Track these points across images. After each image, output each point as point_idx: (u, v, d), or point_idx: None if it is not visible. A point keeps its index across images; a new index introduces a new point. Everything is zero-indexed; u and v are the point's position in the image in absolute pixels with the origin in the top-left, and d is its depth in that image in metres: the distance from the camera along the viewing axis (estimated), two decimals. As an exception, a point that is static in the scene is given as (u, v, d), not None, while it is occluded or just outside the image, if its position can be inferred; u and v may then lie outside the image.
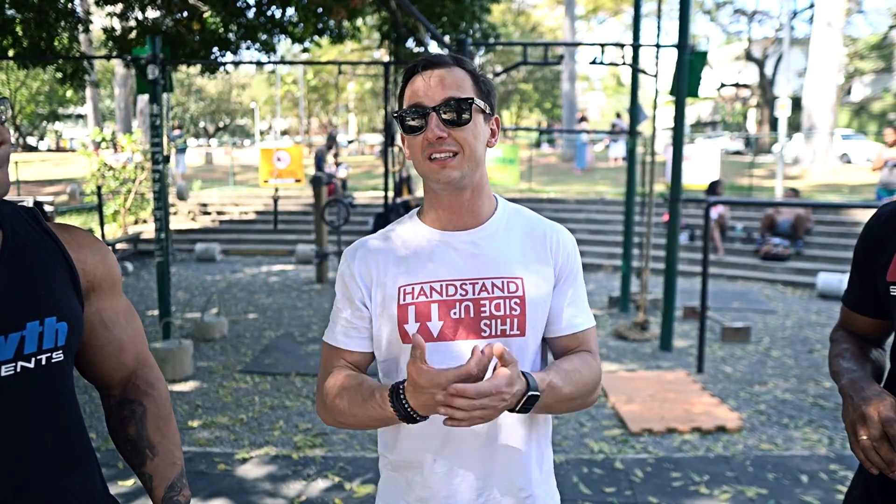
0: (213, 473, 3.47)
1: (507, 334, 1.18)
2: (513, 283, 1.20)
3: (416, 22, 6.59)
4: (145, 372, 1.19)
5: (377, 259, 1.24)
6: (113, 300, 1.15)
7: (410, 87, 1.19)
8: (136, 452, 1.13)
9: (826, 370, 5.20)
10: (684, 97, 5.46)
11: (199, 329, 6.05)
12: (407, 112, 1.17)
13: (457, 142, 1.14)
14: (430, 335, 1.18)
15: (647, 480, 3.38)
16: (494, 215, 1.26)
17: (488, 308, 1.18)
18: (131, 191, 11.81)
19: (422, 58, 1.22)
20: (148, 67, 5.36)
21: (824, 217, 10.04)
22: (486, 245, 1.22)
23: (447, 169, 1.15)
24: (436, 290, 1.19)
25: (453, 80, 1.16)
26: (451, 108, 1.14)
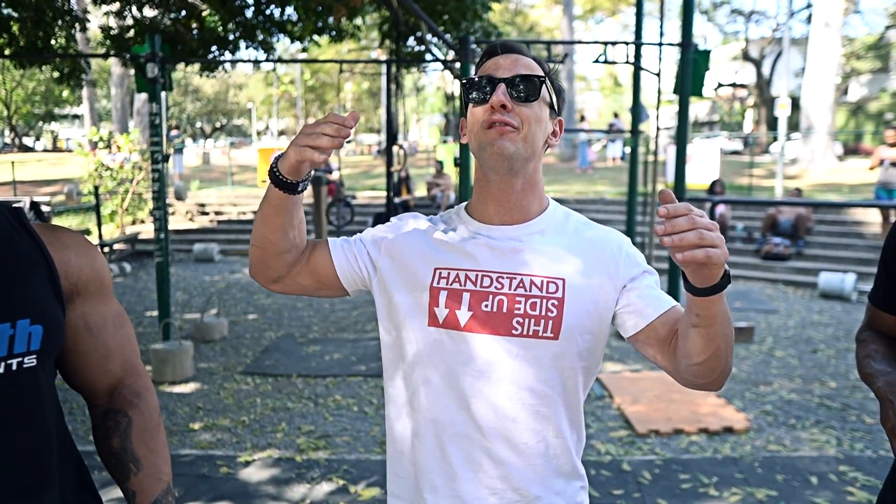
0: (215, 477, 3.43)
1: (540, 335, 1.11)
2: (553, 283, 1.13)
3: (417, 20, 6.55)
4: (132, 381, 1.12)
5: (417, 233, 1.22)
6: (101, 304, 1.09)
7: (483, 66, 1.16)
8: (119, 466, 1.07)
9: (830, 370, 5.18)
10: (688, 96, 5.42)
11: (198, 330, 6.00)
12: (475, 81, 1.13)
13: (519, 117, 1.10)
14: (458, 324, 1.13)
15: (656, 482, 3.34)
16: (544, 214, 1.20)
17: (523, 306, 1.12)
18: (129, 191, 11.74)
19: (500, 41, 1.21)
20: (147, 66, 5.32)
21: (825, 216, 10.03)
22: (530, 241, 1.17)
23: (504, 138, 1.09)
24: (471, 279, 1.14)
25: (527, 63, 1.14)
26: (520, 83, 1.11)
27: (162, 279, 5.52)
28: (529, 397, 1.12)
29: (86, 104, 22.89)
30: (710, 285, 0.91)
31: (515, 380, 1.12)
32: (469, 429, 1.13)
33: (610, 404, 4.41)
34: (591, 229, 1.22)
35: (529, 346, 1.12)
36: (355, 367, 5.26)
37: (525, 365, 1.12)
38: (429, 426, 1.16)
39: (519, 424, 1.12)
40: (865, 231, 9.58)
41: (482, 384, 1.12)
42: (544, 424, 1.14)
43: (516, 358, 1.12)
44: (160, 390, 4.74)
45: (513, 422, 1.12)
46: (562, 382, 1.14)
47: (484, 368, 1.12)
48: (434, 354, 1.15)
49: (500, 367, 1.12)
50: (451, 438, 1.14)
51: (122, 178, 11.76)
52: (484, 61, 1.18)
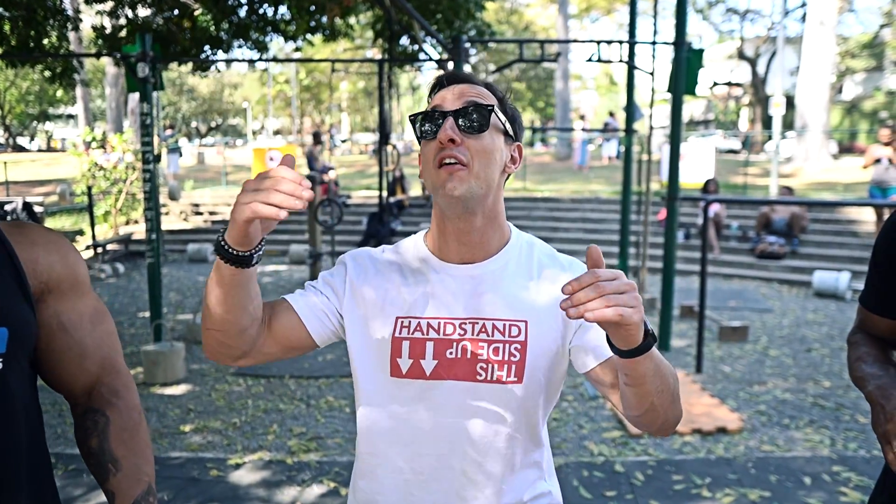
0: (205, 480, 3.40)
1: (504, 381, 1.10)
2: (515, 326, 1.11)
3: (410, 19, 6.52)
4: (111, 379, 1.09)
5: (376, 276, 1.17)
6: (76, 302, 1.06)
7: (432, 99, 1.14)
8: (98, 467, 1.04)
9: (825, 370, 5.17)
10: (681, 95, 5.41)
11: (191, 331, 5.96)
12: (424, 116, 1.10)
13: (469, 151, 1.05)
14: (423, 373, 1.11)
15: (649, 483, 3.33)
16: (505, 248, 1.16)
17: (486, 352, 1.10)
18: (122, 191, 11.68)
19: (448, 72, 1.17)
20: (138, 65, 5.27)
21: (820, 215, 10.04)
22: (491, 282, 1.13)
23: (455, 179, 1.04)
24: (433, 327, 1.12)
25: (478, 92, 1.11)
26: (469, 114, 1.07)
27: (153, 280, 5.48)
28: (496, 441, 1.12)
29: (80, 104, 22.78)
30: (632, 347, 0.90)
31: (481, 425, 1.12)
32: (436, 473, 1.13)
33: (603, 405, 4.40)
34: (553, 263, 1.17)
35: (494, 391, 1.10)
36: (348, 367, 5.19)
37: (490, 409, 1.11)
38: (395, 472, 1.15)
39: (486, 467, 1.12)
40: (860, 230, 9.58)
41: (447, 431, 1.12)
42: (510, 464, 1.14)
43: (482, 403, 1.11)
44: (151, 392, 4.71)
45: (479, 466, 1.12)
46: (526, 421, 1.14)
47: (450, 415, 1.12)
48: (397, 404, 1.13)
49: (465, 413, 1.11)
50: (418, 482, 1.14)
51: (116, 178, 11.71)
52: (433, 94, 1.15)
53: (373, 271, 1.17)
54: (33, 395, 1.01)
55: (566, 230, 11.18)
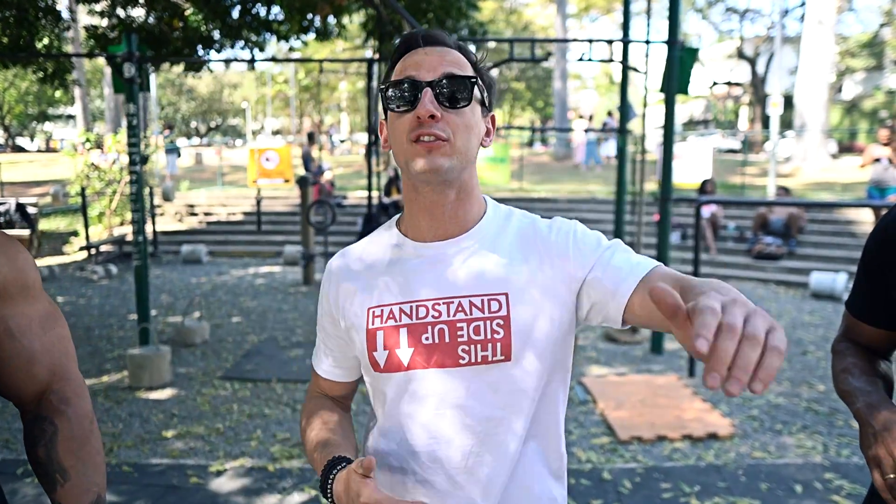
0: (184, 487, 3.34)
1: (490, 360, 1.01)
2: (495, 300, 1.02)
3: (401, 19, 6.45)
4: (61, 386, 1.05)
5: (349, 276, 1.12)
6: (24, 306, 1.02)
7: (403, 61, 1.02)
8: (46, 477, 1.00)
9: (820, 373, 5.11)
10: (674, 94, 5.34)
11: (179, 334, 5.90)
12: (396, 85, 0.99)
13: (449, 127, 0.98)
14: (401, 364, 1.04)
15: (636, 492, 3.26)
16: (481, 221, 1.08)
17: (466, 332, 1.01)
18: (116, 192, 11.63)
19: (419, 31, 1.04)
20: (124, 65, 5.21)
21: (817, 216, 9.96)
22: (465, 257, 1.05)
23: (434, 155, 0.97)
24: (405, 312, 1.04)
25: (455, 59, 1.01)
26: (450, 87, 0.98)
27: (140, 283, 5.42)
28: (492, 427, 1.03)
29: (79, 104, 22.73)
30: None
31: (473, 412, 1.03)
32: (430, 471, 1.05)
33: (593, 409, 4.33)
34: (534, 225, 1.09)
35: (481, 373, 1.02)
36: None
37: (481, 394, 1.02)
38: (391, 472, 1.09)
39: (483, 459, 1.04)
40: (858, 230, 9.51)
41: (438, 423, 1.04)
42: (508, 455, 1.05)
43: (468, 388, 1.02)
44: (136, 396, 4.65)
45: (476, 458, 1.04)
46: (526, 405, 1.04)
47: (437, 406, 1.04)
48: (387, 399, 1.08)
49: (454, 401, 1.03)
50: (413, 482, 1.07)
51: (111, 178, 11.65)
52: (402, 54, 1.03)
53: (346, 272, 1.12)
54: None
55: (562, 231, 11.10)
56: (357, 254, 1.14)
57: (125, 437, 3.96)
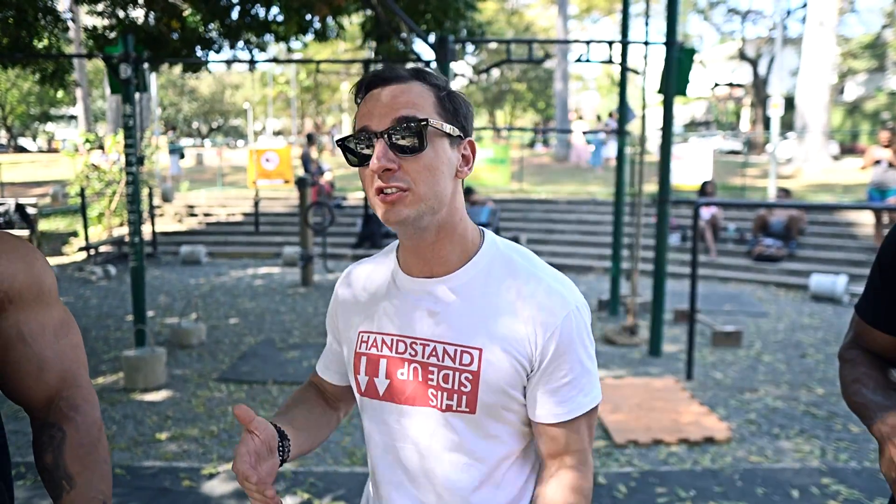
0: (176, 490, 3.31)
1: (455, 410, 1.01)
2: (468, 353, 0.99)
3: (399, 20, 6.44)
4: (71, 393, 1.06)
5: (351, 294, 1.15)
6: (38, 313, 1.03)
7: (361, 108, 0.98)
8: (52, 483, 1.00)
9: (819, 376, 5.07)
10: (673, 95, 5.31)
11: (175, 335, 5.88)
12: (353, 139, 0.97)
13: (409, 175, 0.93)
14: (377, 392, 1.07)
15: (631, 496, 3.23)
16: (469, 263, 1.03)
17: (436, 377, 1.01)
18: (116, 192, 11.62)
19: (373, 71, 1.01)
20: (120, 66, 5.20)
21: (818, 217, 9.92)
22: (447, 302, 1.02)
23: (397, 207, 0.94)
24: (387, 343, 1.06)
25: (409, 99, 0.95)
26: (403, 132, 0.93)
27: (137, 284, 5.40)
28: (451, 473, 1.04)
29: (80, 105, 22.75)
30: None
31: (439, 453, 1.04)
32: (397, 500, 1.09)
33: (590, 413, 4.30)
34: (529, 281, 1.01)
35: (446, 418, 1.02)
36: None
37: (445, 437, 1.03)
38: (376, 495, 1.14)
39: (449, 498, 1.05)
40: (858, 232, 9.47)
41: (406, 456, 1.07)
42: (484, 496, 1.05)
43: (438, 429, 1.03)
44: (131, 398, 4.63)
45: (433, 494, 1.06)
46: (490, 456, 1.04)
47: (409, 439, 1.06)
48: (367, 423, 1.12)
49: (420, 439, 1.04)
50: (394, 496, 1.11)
51: (110, 179, 11.64)
52: (360, 97, 1.00)
53: (350, 287, 1.16)
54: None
55: (562, 232, 11.09)
56: (362, 271, 1.16)
57: (119, 439, 3.94)
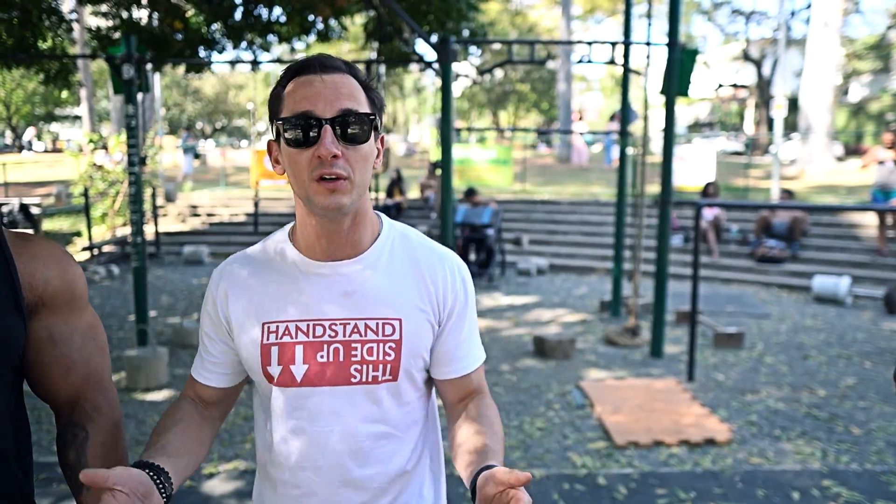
0: (178, 490, 3.32)
1: (379, 380, 1.08)
2: (389, 324, 1.07)
3: (401, 21, 6.44)
4: (94, 395, 1.10)
5: (240, 287, 1.11)
6: (69, 317, 1.08)
7: (299, 90, 1.00)
8: (74, 479, 1.04)
9: (821, 378, 5.06)
10: (674, 96, 5.31)
11: (178, 335, 5.89)
12: (294, 120, 0.99)
13: (349, 164, 1.00)
14: (294, 380, 1.07)
15: (631, 497, 3.23)
16: (376, 242, 1.11)
17: (360, 352, 1.07)
18: (119, 192, 11.65)
19: (308, 57, 1.04)
20: (123, 66, 5.21)
21: (821, 219, 9.89)
22: (362, 280, 1.08)
23: (337, 194, 0.99)
24: (302, 329, 1.07)
25: (350, 91, 1.01)
26: (348, 123, 0.99)
27: (139, 284, 5.41)
28: (376, 447, 1.10)
29: (85, 105, 22.81)
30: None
31: (361, 428, 1.08)
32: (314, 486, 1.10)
33: (590, 413, 4.30)
34: (427, 252, 1.14)
35: (369, 392, 1.07)
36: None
37: (368, 411, 1.08)
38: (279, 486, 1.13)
39: (366, 474, 1.10)
40: (861, 234, 9.44)
41: (326, 438, 1.08)
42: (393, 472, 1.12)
43: (357, 406, 1.07)
44: (132, 398, 4.64)
45: (359, 474, 1.09)
46: (405, 417, 1.13)
47: (324, 424, 1.08)
48: (277, 413, 1.10)
49: (343, 418, 1.07)
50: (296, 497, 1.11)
51: (114, 179, 11.67)
52: (296, 78, 1.02)
53: (238, 282, 1.12)
54: (19, 404, 1.05)
55: (564, 233, 11.08)
56: (248, 264, 1.13)
57: (120, 438, 3.95)
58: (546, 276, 9.57)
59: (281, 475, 1.12)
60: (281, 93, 1.04)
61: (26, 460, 1.06)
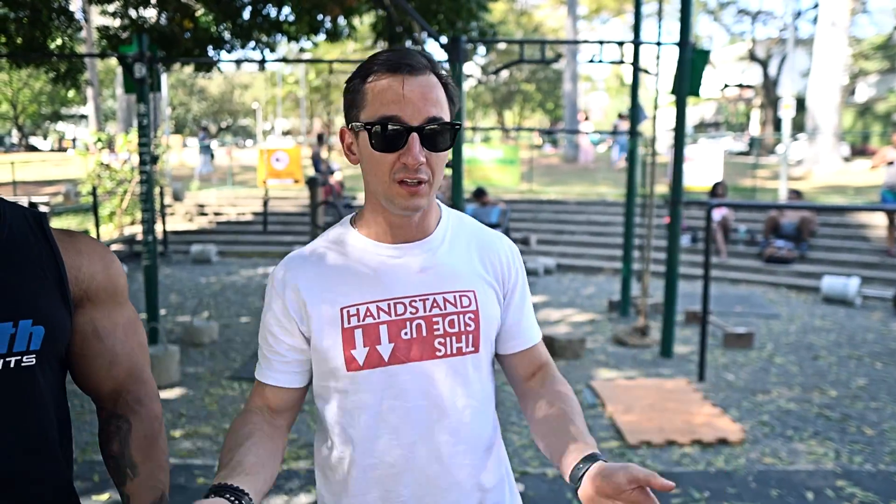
0: (191, 488, 3.34)
1: (463, 352, 1.11)
2: (465, 296, 1.11)
3: (411, 20, 6.45)
4: (136, 388, 1.13)
5: (311, 279, 1.11)
6: (112, 310, 1.12)
7: (385, 92, 1.01)
8: (117, 470, 1.08)
9: (831, 378, 5.05)
10: (685, 96, 5.30)
11: (188, 333, 5.91)
12: (380, 124, 1.00)
13: (431, 168, 1.03)
14: (381, 359, 1.08)
15: (645, 497, 3.23)
16: (440, 224, 1.16)
17: (442, 325, 1.09)
18: (127, 191, 11.69)
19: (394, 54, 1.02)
20: (135, 65, 5.23)
21: (829, 219, 9.87)
22: (434, 257, 1.12)
23: (416, 197, 1.03)
24: (383, 309, 1.08)
25: (435, 96, 1.03)
26: (434, 132, 1.02)
27: (150, 282, 5.44)
28: (464, 417, 1.11)
29: (91, 104, 22.90)
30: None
31: (447, 404, 1.10)
32: (409, 463, 1.10)
33: (602, 413, 4.30)
34: (482, 232, 1.21)
35: (455, 365, 1.10)
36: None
37: (454, 384, 1.10)
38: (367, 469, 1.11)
39: (458, 448, 1.11)
40: (870, 234, 9.42)
41: (414, 417, 1.09)
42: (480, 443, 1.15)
43: (445, 379, 1.09)
44: (144, 396, 4.65)
45: (451, 447, 1.11)
46: (487, 394, 1.16)
47: (414, 399, 1.09)
48: (362, 398, 1.09)
49: (431, 392, 1.09)
50: (391, 475, 1.11)
51: (122, 178, 11.72)
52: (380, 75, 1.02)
53: (306, 274, 1.12)
54: (62, 394, 1.08)
55: (571, 233, 11.07)
56: (312, 256, 1.13)
57: (133, 436, 3.97)
58: (553, 275, 9.57)
59: (367, 460, 1.10)
60: (361, 86, 1.04)
61: (69, 449, 1.09)
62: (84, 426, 4.09)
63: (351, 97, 1.06)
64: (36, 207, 8.56)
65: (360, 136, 1.05)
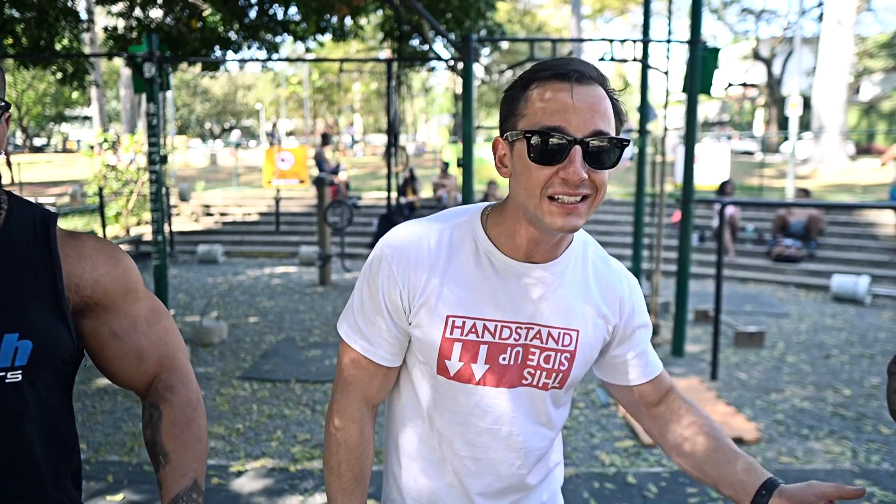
0: (206, 488, 3.31)
1: (549, 387, 1.10)
2: (568, 335, 1.08)
3: (419, 19, 6.44)
4: (168, 375, 1.13)
5: (425, 267, 1.04)
6: (128, 308, 1.09)
7: (550, 101, 0.93)
8: (153, 457, 1.09)
9: (845, 377, 5.03)
10: (696, 95, 5.28)
11: (197, 333, 5.90)
12: (541, 135, 0.92)
13: (594, 184, 0.94)
14: (472, 377, 1.06)
15: (662, 496, 3.21)
16: (569, 249, 1.08)
17: (537, 358, 1.07)
18: (133, 192, 11.70)
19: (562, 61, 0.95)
20: (144, 65, 5.23)
21: (838, 217, 9.83)
22: (551, 286, 1.06)
23: (572, 217, 0.94)
24: (489, 330, 1.05)
25: (604, 109, 0.94)
26: (601, 147, 0.93)
27: (160, 282, 5.43)
28: (536, 444, 1.13)
29: (95, 105, 22.93)
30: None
31: (527, 427, 1.11)
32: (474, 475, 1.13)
33: (615, 413, 4.28)
34: (606, 269, 1.13)
35: (534, 395, 1.10)
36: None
37: (533, 412, 1.11)
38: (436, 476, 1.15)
39: (523, 467, 1.13)
40: (879, 233, 9.38)
41: (491, 437, 1.10)
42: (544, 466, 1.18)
43: (523, 407, 1.10)
44: (156, 396, 4.65)
45: (519, 469, 1.13)
46: (559, 419, 1.17)
47: (494, 421, 1.10)
48: (442, 404, 1.10)
49: (508, 418, 1.10)
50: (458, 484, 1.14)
51: (128, 179, 11.73)
52: (545, 83, 0.94)
53: (420, 260, 1.04)
54: (60, 405, 1.04)
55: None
56: (438, 247, 1.05)
57: (146, 436, 3.96)
58: (560, 275, 9.53)
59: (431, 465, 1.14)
60: (522, 94, 0.96)
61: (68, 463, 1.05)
62: (96, 426, 4.09)
63: (509, 105, 0.98)
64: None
65: (517, 146, 0.96)
